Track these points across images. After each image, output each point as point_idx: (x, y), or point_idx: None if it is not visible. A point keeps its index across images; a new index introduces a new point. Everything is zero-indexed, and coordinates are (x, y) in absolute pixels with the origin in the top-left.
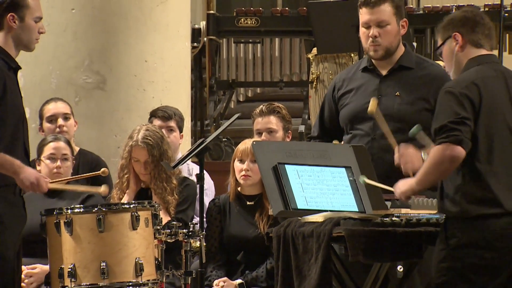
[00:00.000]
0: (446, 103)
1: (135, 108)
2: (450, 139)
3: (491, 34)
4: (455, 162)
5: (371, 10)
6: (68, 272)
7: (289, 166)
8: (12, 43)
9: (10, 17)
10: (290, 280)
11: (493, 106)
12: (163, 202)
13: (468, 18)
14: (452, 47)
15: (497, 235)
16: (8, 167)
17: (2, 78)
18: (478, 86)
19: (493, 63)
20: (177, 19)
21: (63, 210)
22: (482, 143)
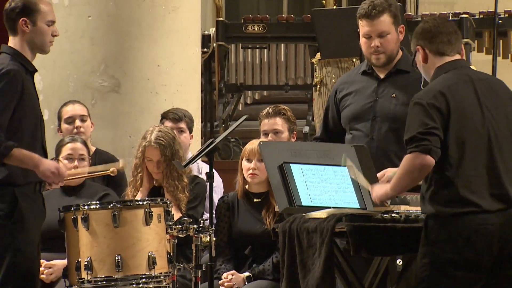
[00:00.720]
0: (415, 114)
1: (148, 110)
2: (419, 148)
3: (452, 39)
4: (424, 170)
5: (371, 22)
6: (85, 265)
7: (294, 165)
8: (27, 47)
9: (23, 22)
10: (295, 273)
11: (462, 113)
12: (174, 199)
13: (425, 29)
14: (419, 59)
15: (472, 231)
16: (28, 161)
17: (21, 81)
18: (445, 94)
19: (460, 68)
20: (188, 26)
21: (80, 207)
22: (453, 149)
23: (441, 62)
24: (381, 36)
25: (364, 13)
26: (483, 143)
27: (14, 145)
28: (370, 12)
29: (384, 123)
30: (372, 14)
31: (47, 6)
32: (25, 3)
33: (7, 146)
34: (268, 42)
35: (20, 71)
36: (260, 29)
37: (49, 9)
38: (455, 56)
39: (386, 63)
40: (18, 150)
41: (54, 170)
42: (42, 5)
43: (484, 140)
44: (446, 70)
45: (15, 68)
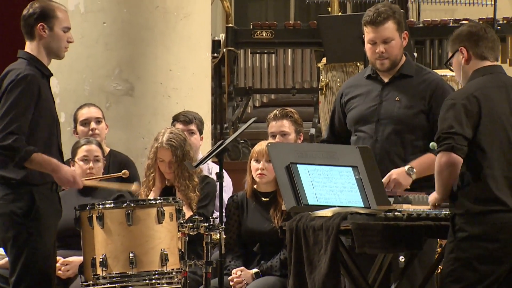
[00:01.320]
0: (446, 114)
1: (160, 113)
2: (443, 147)
3: (494, 47)
4: (452, 167)
5: (376, 29)
6: (100, 261)
7: (300, 166)
8: (44, 52)
9: (40, 27)
10: (301, 270)
11: (493, 115)
12: (186, 198)
13: (472, 33)
14: (460, 60)
15: (499, 228)
16: (47, 166)
17: (37, 85)
18: (478, 97)
19: (496, 73)
20: (198, 32)
21: (95, 206)
22: (483, 149)
23: (481, 65)
24: (385, 42)
25: (369, 20)
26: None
27: (34, 150)
28: (375, 19)
29: (388, 125)
30: (377, 21)
31: (63, 13)
32: (43, 9)
33: (27, 151)
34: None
35: (36, 75)
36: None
37: (65, 16)
38: (494, 62)
39: (390, 68)
40: (38, 155)
41: (71, 178)
42: (59, 11)
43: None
44: (483, 73)
45: (32, 73)
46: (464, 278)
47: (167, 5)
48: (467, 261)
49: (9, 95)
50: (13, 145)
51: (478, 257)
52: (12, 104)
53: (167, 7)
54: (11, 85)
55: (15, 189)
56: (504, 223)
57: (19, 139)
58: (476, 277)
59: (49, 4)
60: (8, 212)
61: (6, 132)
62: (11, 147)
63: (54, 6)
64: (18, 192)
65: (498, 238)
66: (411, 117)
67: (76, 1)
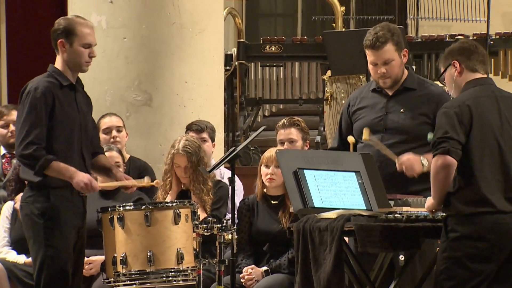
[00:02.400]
0: (440, 122)
1: (177, 122)
2: (439, 151)
3: (485, 60)
4: (447, 169)
5: (376, 52)
6: (120, 260)
7: (307, 171)
8: (67, 65)
9: (61, 43)
10: (308, 268)
11: (484, 122)
12: (200, 201)
13: (464, 48)
14: (452, 73)
15: (488, 229)
16: (64, 172)
17: (51, 93)
18: (469, 106)
19: (487, 85)
20: (212, 47)
21: (116, 208)
22: (474, 154)
23: (472, 77)
24: (386, 64)
25: (369, 44)
26: (501, 152)
27: (53, 158)
28: (374, 44)
29: (393, 135)
30: (376, 45)
31: (86, 30)
32: (65, 25)
33: (46, 159)
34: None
35: (51, 87)
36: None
37: (87, 32)
38: (484, 75)
39: (392, 85)
40: (56, 163)
41: (87, 181)
42: (81, 28)
43: (502, 149)
44: (474, 85)
45: (46, 84)
46: (457, 275)
47: (183, 22)
48: (458, 260)
49: (23, 106)
50: (34, 154)
51: (469, 256)
52: (28, 114)
53: (183, 23)
54: (24, 97)
55: (35, 191)
56: (493, 224)
57: (39, 149)
58: (468, 275)
59: (73, 21)
60: (29, 213)
61: (27, 142)
62: (32, 156)
63: (78, 23)
64: (37, 194)
65: (487, 238)
66: (416, 127)
67: (99, 18)
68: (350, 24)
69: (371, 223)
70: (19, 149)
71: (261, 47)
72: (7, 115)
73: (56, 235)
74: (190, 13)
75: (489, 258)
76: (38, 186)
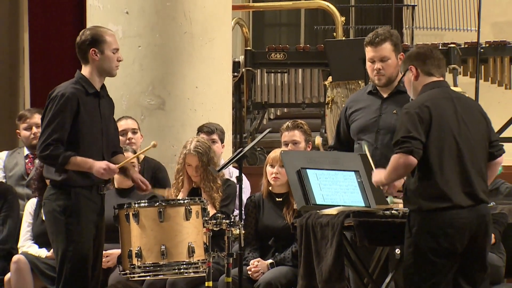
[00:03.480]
0: (403, 122)
1: (188, 124)
2: (403, 150)
3: (440, 64)
4: (408, 168)
5: (375, 49)
6: (136, 253)
7: (310, 170)
8: (96, 73)
9: (93, 52)
10: (310, 261)
11: (442, 122)
12: (210, 198)
13: (420, 53)
14: (410, 77)
15: (448, 224)
16: (83, 165)
17: (76, 100)
18: (428, 106)
19: (443, 87)
20: (221, 54)
21: (132, 204)
22: (434, 152)
23: (428, 81)
24: (382, 61)
25: (369, 41)
26: (458, 149)
27: (71, 154)
28: (374, 40)
29: (386, 134)
30: (376, 42)
31: (111, 37)
32: (93, 35)
33: (65, 156)
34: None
35: (76, 93)
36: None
37: (113, 39)
38: (440, 78)
39: (386, 84)
40: (74, 158)
41: (105, 166)
42: (107, 36)
43: (459, 146)
44: (432, 87)
45: (72, 91)
46: (423, 269)
47: (194, 31)
48: (423, 254)
49: (49, 109)
50: (51, 153)
51: (432, 250)
52: (52, 118)
53: (194, 32)
54: (51, 101)
55: (57, 190)
56: (452, 219)
57: (56, 148)
58: (433, 268)
59: (98, 30)
60: (51, 209)
61: (46, 143)
62: (50, 156)
63: (103, 31)
64: (59, 192)
65: (447, 232)
66: None
67: (116, 28)
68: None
69: (369, 219)
70: (38, 151)
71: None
72: (30, 118)
73: (77, 231)
74: (200, 23)
75: (451, 252)
76: (60, 185)
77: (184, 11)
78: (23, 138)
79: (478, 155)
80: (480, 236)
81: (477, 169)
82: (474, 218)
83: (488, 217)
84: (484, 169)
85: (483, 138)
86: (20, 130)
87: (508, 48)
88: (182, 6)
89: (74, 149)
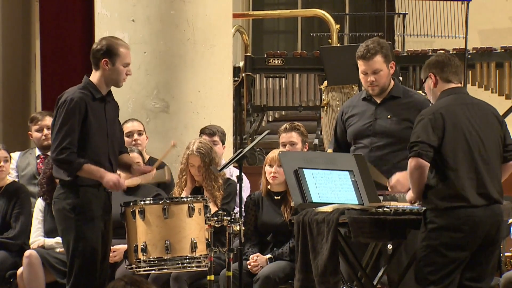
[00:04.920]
0: (416, 128)
1: (191, 126)
2: (412, 154)
3: (457, 71)
4: (420, 169)
5: (366, 62)
6: (141, 248)
7: (306, 170)
8: (103, 81)
9: (104, 62)
10: (307, 255)
11: (456, 128)
12: (212, 196)
13: (438, 61)
14: (429, 84)
15: (462, 221)
16: (95, 173)
17: (84, 105)
18: (442, 113)
19: (460, 94)
20: (222, 60)
21: (138, 202)
22: (449, 155)
23: (446, 87)
24: (375, 73)
25: (361, 55)
26: (471, 152)
27: (84, 161)
28: (365, 55)
29: (382, 138)
30: (367, 56)
31: (126, 50)
32: (108, 46)
33: (79, 163)
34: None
35: (84, 98)
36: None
37: (127, 52)
38: (458, 84)
39: (380, 93)
40: (87, 166)
41: (116, 180)
42: (122, 49)
43: (472, 151)
44: (449, 94)
45: (80, 95)
46: (434, 262)
47: (196, 38)
48: (436, 248)
49: (59, 114)
50: (67, 158)
51: (445, 245)
52: (63, 122)
53: (196, 39)
54: (61, 105)
55: (66, 189)
56: (466, 216)
57: (72, 153)
58: (444, 261)
59: (114, 42)
60: (61, 208)
61: (61, 147)
62: (65, 160)
63: (119, 44)
64: (68, 191)
65: (462, 229)
66: (401, 131)
67: (122, 35)
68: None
69: (362, 216)
70: (53, 154)
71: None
72: (41, 120)
73: (85, 227)
74: (202, 30)
75: (463, 247)
76: (69, 184)
77: (187, 19)
78: (35, 140)
79: (492, 158)
80: (492, 234)
81: (491, 171)
82: (487, 217)
83: (501, 216)
84: (498, 170)
85: (496, 141)
86: (32, 131)
87: (494, 54)
88: (185, 14)
89: (82, 151)
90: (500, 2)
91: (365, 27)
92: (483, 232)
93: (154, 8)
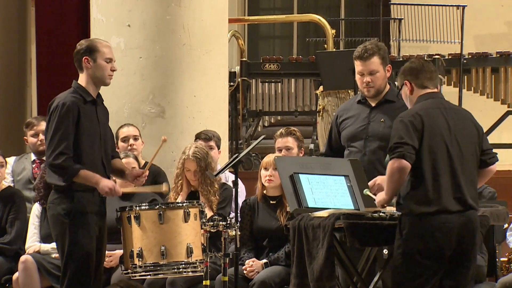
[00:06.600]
0: (396, 129)
1: (187, 131)
2: (395, 155)
3: (433, 77)
4: (402, 172)
5: (363, 63)
6: (137, 253)
7: (302, 175)
8: (91, 81)
9: (85, 60)
10: (303, 260)
11: (434, 130)
12: (207, 201)
13: (413, 68)
14: (405, 91)
15: (436, 228)
16: (91, 179)
17: (76, 108)
18: (421, 115)
19: (436, 98)
20: (218, 65)
21: (133, 207)
22: (426, 158)
23: (422, 92)
24: (371, 74)
25: (358, 55)
26: (449, 157)
27: (80, 167)
28: (362, 55)
29: (374, 141)
30: (364, 57)
31: (105, 48)
32: (87, 45)
33: (75, 169)
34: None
35: (76, 101)
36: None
37: (107, 49)
38: (434, 89)
39: (375, 95)
40: (83, 171)
41: (112, 187)
42: (101, 46)
43: (450, 154)
44: (426, 98)
45: (72, 99)
46: (410, 270)
47: (192, 43)
48: (411, 256)
49: (53, 119)
50: (63, 164)
51: (420, 252)
52: (57, 127)
53: (192, 44)
54: (53, 111)
55: (60, 194)
56: (440, 223)
57: (68, 159)
58: (420, 269)
59: (93, 41)
60: (55, 213)
61: (57, 152)
62: (62, 166)
63: (97, 42)
64: (63, 196)
65: (435, 236)
66: None
67: (118, 40)
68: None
69: (358, 221)
70: (50, 159)
71: (261, 65)
72: (37, 125)
73: (80, 232)
74: (198, 35)
75: (438, 254)
76: (63, 189)
77: (183, 24)
78: (30, 145)
79: (469, 163)
80: (467, 240)
81: (468, 175)
82: (462, 223)
83: (476, 223)
84: (475, 176)
85: (473, 146)
86: (28, 136)
87: (490, 59)
88: (181, 19)
89: (75, 154)
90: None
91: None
92: (458, 239)
93: (150, 13)
